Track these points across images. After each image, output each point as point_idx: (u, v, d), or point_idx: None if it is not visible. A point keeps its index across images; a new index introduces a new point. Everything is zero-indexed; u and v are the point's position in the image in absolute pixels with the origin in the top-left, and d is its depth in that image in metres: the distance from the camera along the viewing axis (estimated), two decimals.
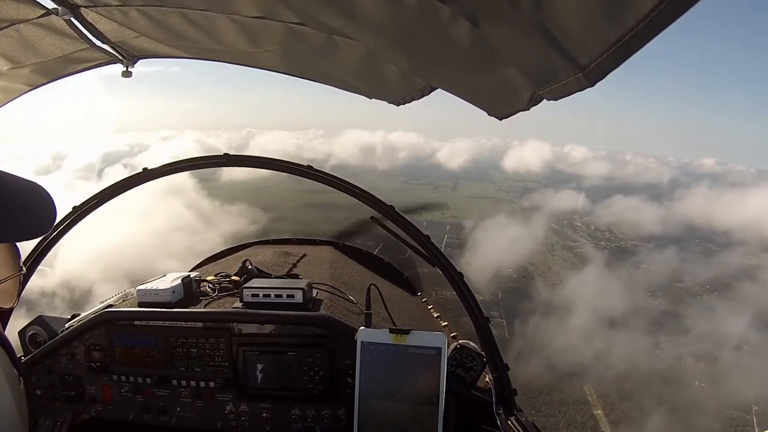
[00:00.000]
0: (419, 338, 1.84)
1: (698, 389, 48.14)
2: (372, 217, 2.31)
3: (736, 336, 56.99)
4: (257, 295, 2.17)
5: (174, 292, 2.27)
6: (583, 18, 0.89)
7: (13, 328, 2.15)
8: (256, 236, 4.30)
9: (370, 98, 2.41)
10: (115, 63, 2.47)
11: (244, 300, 2.17)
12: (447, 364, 1.82)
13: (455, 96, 1.68)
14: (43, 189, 0.72)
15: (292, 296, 2.16)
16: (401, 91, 2.10)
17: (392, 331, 1.86)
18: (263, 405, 2.12)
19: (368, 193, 2.31)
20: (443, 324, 2.91)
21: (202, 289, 2.46)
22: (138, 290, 2.26)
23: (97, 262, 53.01)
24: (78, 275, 48.95)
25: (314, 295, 2.34)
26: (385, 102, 2.30)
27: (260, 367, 2.08)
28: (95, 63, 2.47)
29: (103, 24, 2.12)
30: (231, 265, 2.85)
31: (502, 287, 64.70)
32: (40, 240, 2.29)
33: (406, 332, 1.84)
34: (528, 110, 1.40)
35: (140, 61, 2.51)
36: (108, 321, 2.15)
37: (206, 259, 3.83)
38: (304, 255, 3.32)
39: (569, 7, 0.91)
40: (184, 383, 2.16)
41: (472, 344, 2.14)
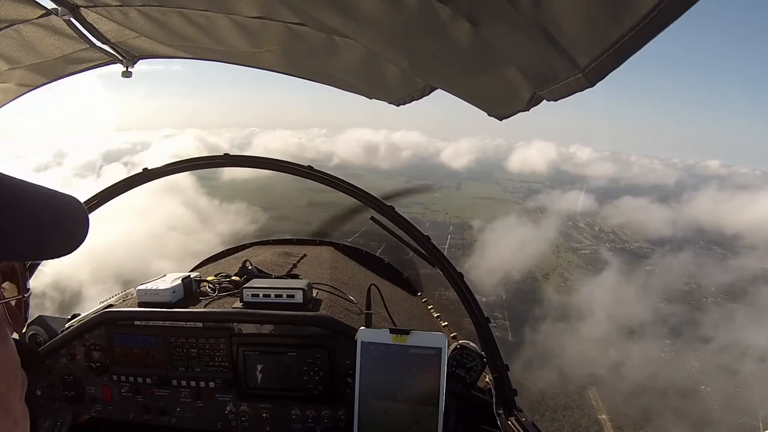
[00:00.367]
0: (419, 338, 1.86)
1: (704, 394, 48.00)
2: (372, 218, 2.34)
3: (745, 341, 56.81)
4: (257, 296, 2.19)
5: (174, 292, 2.29)
6: (583, 18, 0.90)
7: None
8: (256, 236, 4.33)
9: (370, 98, 2.42)
10: (115, 63, 2.49)
11: (244, 300, 2.20)
12: (447, 365, 1.84)
13: (455, 96, 1.70)
14: (80, 205, 0.69)
15: (292, 296, 2.18)
16: (401, 91, 2.12)
17: (392, 332, 1.88)
18: (263, 405, 2.15)
19: (368, 194, 2.34)
20: (443, 324, 2.93)
21: (202, 290, 2.49)
22: (138, 290, 2.29)
23: (88, 263, 52.04)
24: (68, 276, 48.23)
25: (314, 296, 2.36)
26: (385, 102, 2.32)
27: (260, 368, 2.11)
28: (95, 63, 2.49)
29: (103, 24, 2.14)
30: (231, 266, 2.87)
31: (506, 289, 64.60)
32: None
33: (406, 332, 1.87)
34: (528, 111, 1.41)
35: (142, 60, 2.53)
36: (108, 321, 2.18)
37: (206, 260, 3.86)
38: (304, 255, 3.34)
39: (569, 7, 0.91)
40: (184, 383, 2.18)
41: (472, 344, 2.16)
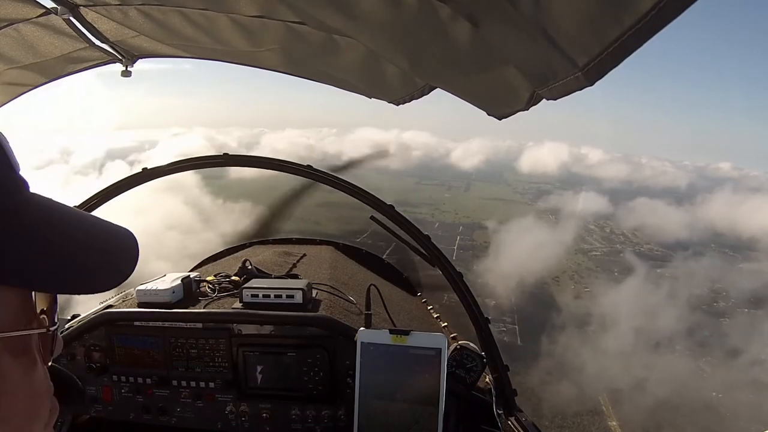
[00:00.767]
0: (419, 339, 1.89)
1: (715, 400, 47.69)
2: (372, 217, 2.36)
3: (757, 346, 56.44)
4: (257, 296, 2.22)
5: (174, 293, 2.33)
6: (583, 17, 0.92)
7: None
8: (259, 236, 4.37)
9: (370, 98, 2.45)
10: (115, 62, 2.53)
11: (244, 300, 2.23)
12: (447, 365, 1.87)
13: (455, 96, 1.72)
14: (134, 240, 0.67)
15: (292, 297, 2.21)
16: (401, 91, 2.14)
17: (392, 332, 1.91)
18: (263, 405, 2.18)
19: (368, 193, 2.37)
20: (443, 324, 2.96)
21: (202, 290, 2.52)
22: (138, 290, 2.32)
23: None
24: None
25: (314, 296, 2.39)
26: (385, 101, 2.35)
27: (260, 368, 2.14)
28: (94, 62, 2.53)
29: (103, 23, 2.17)
30: (231, 265, 2.91)
31: (516, 292, 64.40)
32: None
33: (406, 333, 1.90)
34: (527, 110, 1.42)
35: (147, 59, 2.57)
36: (108, 321, 2.21)
37: (206, 259, 3.89)
38: (304, 255, 3.37)
39: (568, 6, 0.93)
40: (184, 383, 2.22)
41: (472, 345, 2.19)
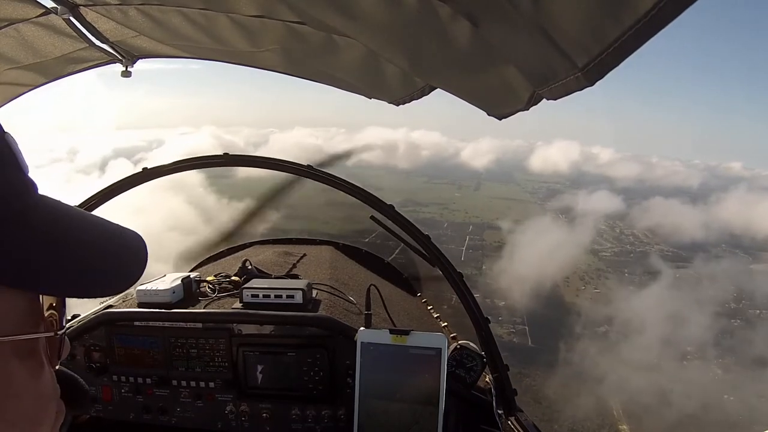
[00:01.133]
0: (419, 339, 1.92)
1: (727, 403, 47.44)
2: (372, 217, 2.40)
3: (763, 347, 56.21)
4: (257, 296, 2.26)
5: (174, 293, 2.36)
6: (582, 17, 0.93)
7: None
8: (263, 236, 4.41)
9: (370, 98, 2.48)
10: (115, 63, 2.55)
11: (244, 300, 2.26)
12: (447, 365, 1.90)
13: (455, 96, 1.75)
14: (143, 244, 0.67)
15: (292, 297, 2.25)
16: (401, 91, 2.17)
17: (392, 332, 1.94)
18: (263, 405, 2.21)
19: (368, 193, 2.40)
20: (443, 324, 2.99)
21: (202, 290, 2.55)
22: (137, 291, 2.35)
23: None
24: None
25: (314, 296, 2.42)
26: (385, 102, 2.37)
27: (260, 368, 2.18)
28: (94, 62, 2.56)
29: (103, 23, 2.20)
30: (231, 266, 2.94)
31: (526, 292, 64.30)
32: None
33: (406, 333, 1.93)
34: (527, 110, 1.44)
35: (149, 59, 2.60)
36: (108, 321, 2.25)
37: (206, 259, 3.93)
38: (304, 255, 3.41)
39: (568, 6, 0.95)
40: (184, 383, 2.25)
41: (472, 345, 2.22)
